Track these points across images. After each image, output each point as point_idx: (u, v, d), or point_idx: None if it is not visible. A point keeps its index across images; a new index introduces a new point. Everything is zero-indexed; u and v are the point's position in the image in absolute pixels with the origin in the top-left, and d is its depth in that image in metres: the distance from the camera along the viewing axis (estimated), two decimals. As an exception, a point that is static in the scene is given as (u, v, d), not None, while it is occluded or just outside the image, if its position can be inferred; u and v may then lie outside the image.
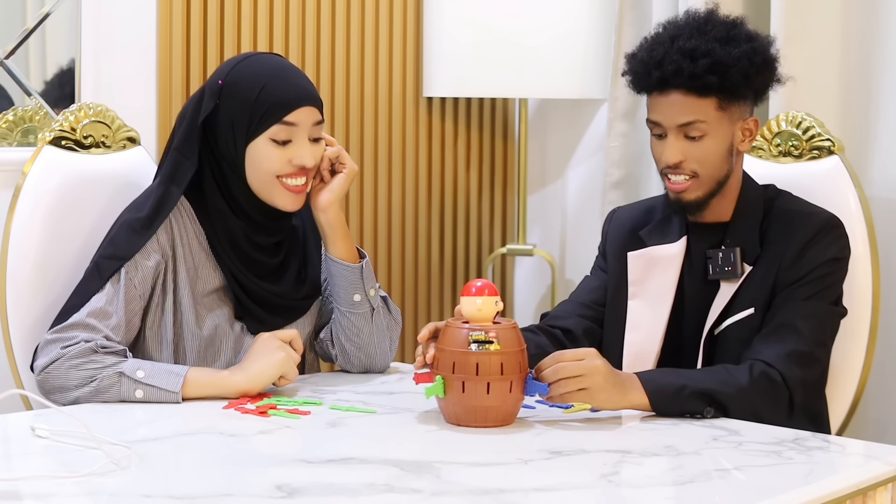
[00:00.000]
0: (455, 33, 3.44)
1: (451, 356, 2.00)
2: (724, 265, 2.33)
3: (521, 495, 1.70)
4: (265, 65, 2.31)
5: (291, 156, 2.26)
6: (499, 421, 2.01)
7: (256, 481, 1.72)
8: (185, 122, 2.30)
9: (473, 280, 2.07)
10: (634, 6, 3.40)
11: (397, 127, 3.53)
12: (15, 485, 1.67)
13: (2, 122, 2.85)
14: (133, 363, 2.14)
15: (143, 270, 2.24)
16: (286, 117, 2.25)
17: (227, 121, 2.27)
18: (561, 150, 3.81)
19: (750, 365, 2.19)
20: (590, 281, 2.55)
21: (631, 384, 2.11)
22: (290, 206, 2.29)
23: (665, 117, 2.32)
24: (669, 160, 2.32)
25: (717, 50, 2.28)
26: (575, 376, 2.05)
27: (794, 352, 2.21)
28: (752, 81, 2.32)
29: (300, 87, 2.29)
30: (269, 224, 2.32)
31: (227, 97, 2.27)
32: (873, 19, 2.98)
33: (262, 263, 2.32)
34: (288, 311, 2.36)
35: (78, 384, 2.12)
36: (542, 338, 2.40)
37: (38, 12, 2.89)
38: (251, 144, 2.26)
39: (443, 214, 3.68)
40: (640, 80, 2.35)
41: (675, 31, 2.34)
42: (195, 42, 3.08)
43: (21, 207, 2.40)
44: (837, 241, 2.34)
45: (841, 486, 1.78)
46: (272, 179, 2.26)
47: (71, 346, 2.14)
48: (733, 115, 2.33)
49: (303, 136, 2.27)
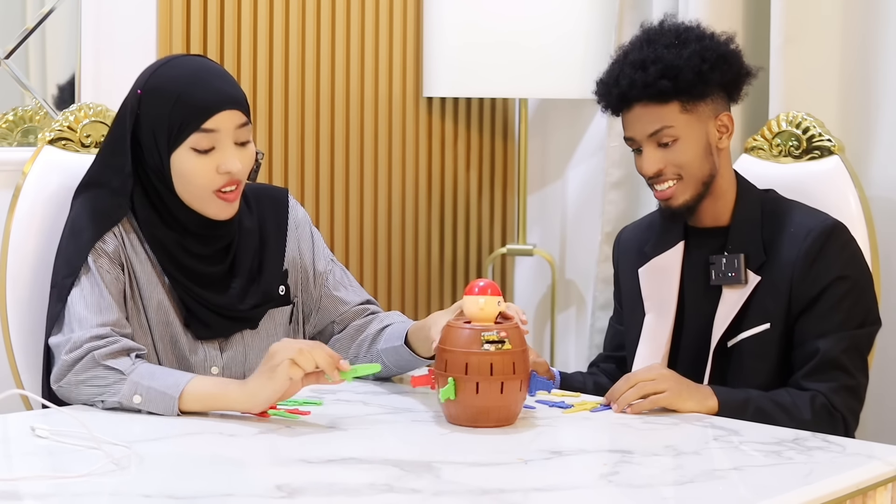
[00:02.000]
0: (455, 33, 3.44)
1: (464, 357, 1.98)
2: (727, 271, 2.33)
3: (521, 495, 1.70)
4: (183, 69, 2.21)
5: (217, 163, 2.16)
6: (505, 420, 2.01)
7: (256, 481, 1.72)
8: (111, 135, 2.23)
9: (476, 280, 2.06)
10: (634, 6, 3.40)
11: (397, 127, 3.53)
12: (15, 485, 1.67)
13: (2, 122, 2.85)
14: (130, 387, 2.05)
15: (106, 256, 2.17)
16: (204, 124, 2.15)
17: (148, 132, 2.19)
18: (561, 150, 3.81)
19: (812, 397, 2.24)
20: (612, 329, 2.61)
21: (707, 393, 2.18)
22: (222, 214, 2.21)
23: (635, 131, 2.35)
24: (649, 171, 2.34)
25: (665, 55, 2.31)
26: (651, 379, 2.11)
27: (845, 386, 2.27)
28: (708, 78, 2.32)
29: (218, 90, 2.18)
30: (204, 233, 2.23)
31: (146, 107, 2.18)
32: (873, 20, 2.98)
33: (202, 273, 2.23)
34: (241, 319, 2.27)
35: (87, 401, 2.09)
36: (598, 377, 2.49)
37: (38, 12, 2.89)
38: (174, 155, 2.17)
39: (443, 214, 3.68)
40: (605, 102, 2.40)
41: (628, 48, 2.39)
42: (195, 42, 3.08)
43: (21, 207, 2.40)
44: (845, 247, 2.34)
45: (841, 486, 1.78)
46: (204, 193, 2.18)
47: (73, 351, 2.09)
48: (702, 114, 2.34)
49: (226, 141, 2.17)
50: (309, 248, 2.38)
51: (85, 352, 2.09)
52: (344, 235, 3.43)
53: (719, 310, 2.34)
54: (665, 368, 2.19)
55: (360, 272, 3.47)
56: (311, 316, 2.38)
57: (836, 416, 2.25)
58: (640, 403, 2.10)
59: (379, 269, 3.51)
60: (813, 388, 2.25)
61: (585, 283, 3.74)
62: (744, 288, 2.32)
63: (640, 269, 2.45)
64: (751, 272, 2.32)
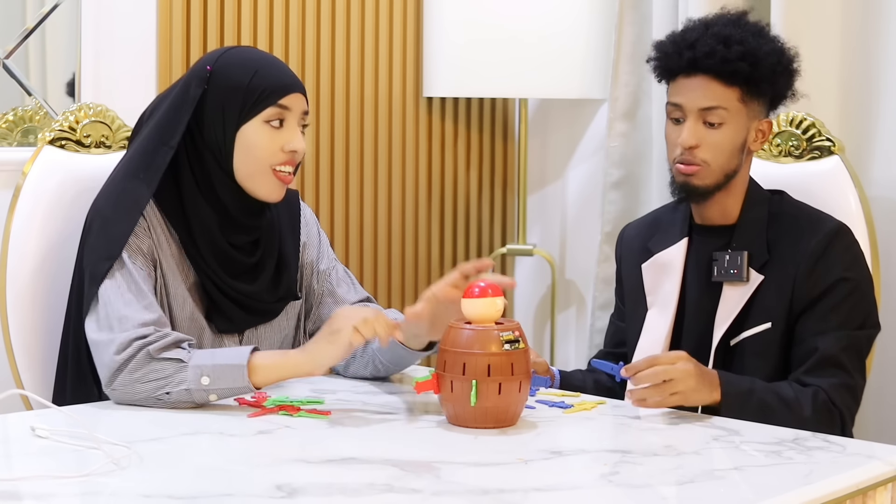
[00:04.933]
0: (455, 33, 3.44)
1: (486, 359, 1.96)
2: (729, 268, 2.33)
3: (521, 495, 1.70)
4: (254, 52, 2.33)
5: (284, 142, 2.23)
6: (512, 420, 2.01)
7: (256, 481, 1.72)
8: (165, 110, 2.25)
9: (475, 281, 2.06)
10: (634, 6, 3.40)
11: (397, 127, 3.53)
12: (15, 485, 1.67)
13: (2, 122, 2.85)
14: (194, 371, 2.07)
15: (140, 254, 2.18)
16: (281, 100, 2.23)
17: (216, 105, 2.23)
18: (561, 150, 3.81)
19: (814, 393, 2.24)
20: (613, 326, 2.60)
21: (714, 381, 2.17)
22: (275, 195, 2.26)
23: (688, 99, 2.33)
24: (686, 142, 2.32)
25: (750, 40, 2.32)
26: (669, 380, 2.09)
27: (844, 385, 2.27)
28: (776, 80, 2.35)
29: (291, 74, 2.28)
30: (245, 222, 2.27)
31: (217, 82, 2.23)
32: (873, 20, 2.98)
33: (237, 262, 2.26)
34: (262, 313, 2.31)
35: (146, 397, 2.08)
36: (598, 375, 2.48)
37: (38, 12, 2.89)
38: (243, 128, 2.23)
39: (443, 214, 3.68)
40: (668, 61, 2.37)
41: (709, 21, 2.38)
42: (195, 42, 3.08)
43: (21, 207, 2.40)
44: (849, 249, 2.34)
45: (841, 486, 1.78)
46: (264, 168, 2.23)
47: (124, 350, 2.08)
48: (752, 111, 2.35)
49: (294, 121, 2.25)
50: (316, 246, 2.42)
51: (136, 349, 2.08)
52: (344, 235, 3.43)
53: (720, 307, 2.34)
54: (689, 363, 2.13)
55: (360, 272, 3.47)
56: (312, 312, 2.40)
57: (835, 412, 2.25)
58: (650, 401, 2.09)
59: (379, 269, 3.51)
60: (814, 383, 2.25)
61: (585, 283, 3.74)
62: (746, 286, 2.33)
63: (643, 265, 2.45)
64: (753, 271, 2.33)
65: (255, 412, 2.07)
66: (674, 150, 2.36)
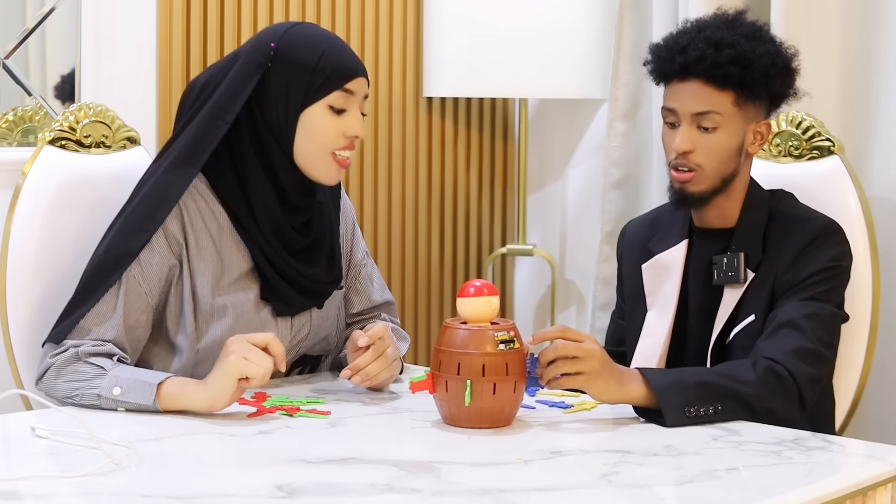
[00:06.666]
0: (455, 33, 3.44)
1: (481, 359, 1.96)
2: (727, 270, 2.33)
3: (521, 495, 1.70)
4: (319, 31, 2.27)
5: (345, 127, 2.20)
6: (507, 420, 2.00)
7: (256, 481, 1.72)
8: (226, 85, 2.20)
9: (471, 280, 2.05)
10: (634, 6, 3.40)
11: (397, 127, 3.53)
12: (15, 485, 1.67)
13: (2, 122, 2.85)
14: (110, 380, 2.06)
15: (147, 268, 2.17)
16: (347, 84, 2.20)
17: (280, 84, 2.19)
18: (561, 150, 3.81)
19: (753, 362, 2.16)
20: (613, 324, 2.59)
21: (630, 377, 2.07)
22: (333, 179, 2.24)
23: (681, 104, 2.33)
24: (680, 147, 2.32)
25: (742, 43, 2.30)
26: (572, 357, 2.02)
27: (799, 348, 2.19)
28: (770, 82, 2.33)
29: (355, 57, 2.24)
30: (298, 202, 2.25)
31: (282, 60, 2.19)
32: (873, 20, 2.98)
33: (294, 241, 2.24)
34: (315, 295, 2.29)
35: (65, 396, 2.10)
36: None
37: (38, 12, 2.89)
38: (307, 111, 2.19)
39: (443, 214, 3.68)
40: (662, 65, 2.36)
41: (702, 24, 2.37)
42: (195, 42, 3.08)
43: (21, 207, 2.40)
44: (836, 246, 2.32)
45: (841, 486, 1.78)
46: (325, 152, 2.21)
47: (59, 353, 2.12)
48: (748, 114, 2.34)
49: (356, 106, 2.22)
50: (352, 235, 2.43)
51: (66, 348, 2.12)
52: (344, 235, 3.43)
53: (720, 310, 2.34)
54: (595, 344, 2.05)
55: (360, 272, 3.47)
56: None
57: (785, 377, 2.14)
58: (557, 381, 2.03)
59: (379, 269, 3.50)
60: (761, 354, 2.18)
61: (585, 283, 3.74)
62: (741, 286, 2.32)
63: (643, 266, 2.45)
64: (749, 271, 2.33)
65: (254, 412, 2.07)
66: (669, 155, 2.36)
